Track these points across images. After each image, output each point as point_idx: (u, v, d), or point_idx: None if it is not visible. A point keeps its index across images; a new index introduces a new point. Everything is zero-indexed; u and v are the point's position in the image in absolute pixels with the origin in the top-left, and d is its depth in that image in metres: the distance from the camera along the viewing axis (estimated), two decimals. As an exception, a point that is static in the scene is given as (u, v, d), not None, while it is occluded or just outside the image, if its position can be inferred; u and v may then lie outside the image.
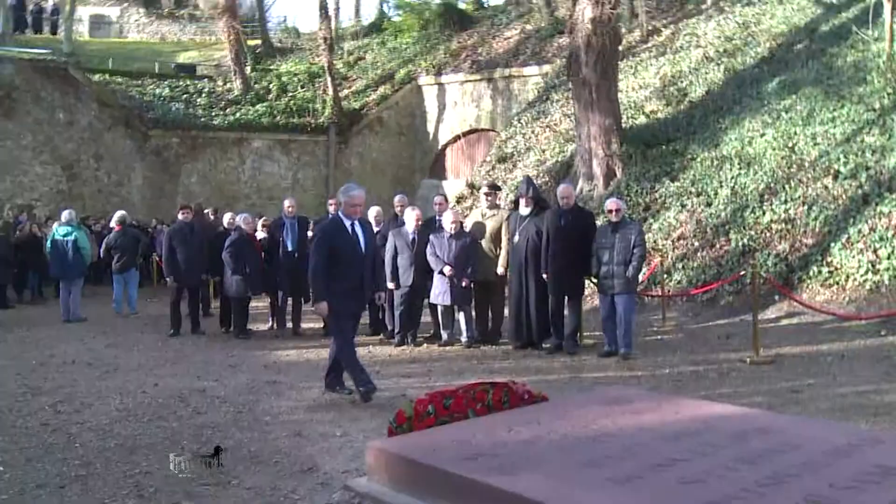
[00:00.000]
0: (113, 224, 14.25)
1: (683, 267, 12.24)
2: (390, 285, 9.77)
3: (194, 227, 11.69)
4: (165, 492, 4.54)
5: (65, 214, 13.51)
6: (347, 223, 6.81)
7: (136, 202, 21.76)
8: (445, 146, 24.78)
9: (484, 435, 4.68)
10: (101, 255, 14.54)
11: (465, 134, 24.08)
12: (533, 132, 19.17)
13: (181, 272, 11.27)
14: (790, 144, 12.98)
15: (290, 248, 11.02)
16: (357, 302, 7.04)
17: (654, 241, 12.84)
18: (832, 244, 10.90)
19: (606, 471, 3.96)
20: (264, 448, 5.42)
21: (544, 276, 9.17)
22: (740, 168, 13.19)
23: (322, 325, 11.24)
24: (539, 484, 3.77)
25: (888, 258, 10.26)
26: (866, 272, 10.30)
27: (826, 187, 11.74)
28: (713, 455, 4.10)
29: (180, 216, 11.67)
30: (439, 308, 9.90)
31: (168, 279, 11.54)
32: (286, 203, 11.37)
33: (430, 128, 25.18)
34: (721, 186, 13.12)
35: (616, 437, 4.57)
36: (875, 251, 10.45)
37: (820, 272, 10.70)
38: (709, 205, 13.02)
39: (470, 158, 23.83)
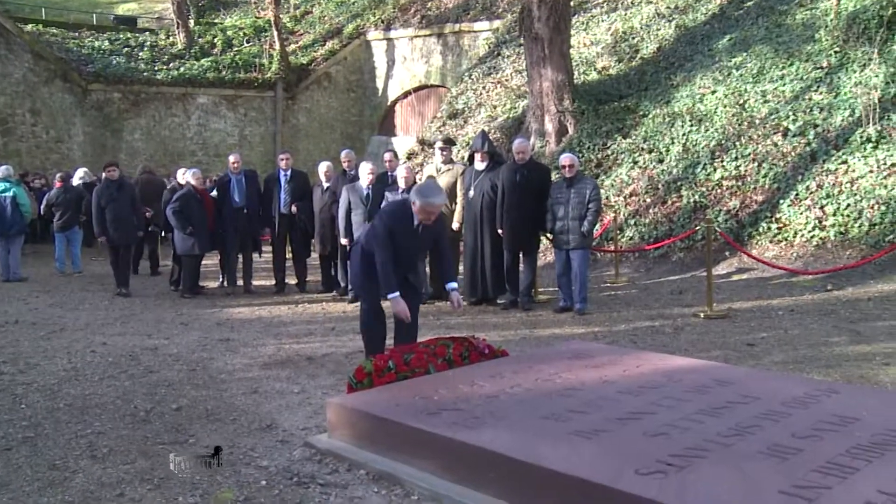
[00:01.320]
0: (76, 180, 14.00)
1: (636, 223, 12.33)
2: (343, 241, 9.68)
3: (123, 184, 11.42)
4: (120, 452, 4.41)
5: (1, 170, 13.03)
6: (415, 221, 5.92)
7: (76, 159, 21.04)
8: (395, 102, 24.49)
9: (446, 390, 4.67)
10: (42, 213, 14.13)
11: (414, 90, 23.82)
12: (484, 88, 19.00)
13: (110, 231, 11.04)
14: (741, 102, 13.09)
15: (238, 204, 10.79)
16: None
17: (607, 198, 12.88)
18: (781, 201, 11.06)
19: (571, 424, 3.97)
20: (221, 406, 5.31)
21: (499, 231, 9.13)
22: (692, 125, 13.27)
23: (273, 282, 11.13)
24: (503, 437, 3.77)
25: (834, 215, 10.47)
26: (813, 228, 10.49)
27: (776, 144, 11.88)
28: (676, 408, 4.15)
29: (105, 174, 11.40)
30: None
31: (100, 239, 11.39)
32: (231, 159, 11.10)
33: (379, 84, 24.84)
34: (673, 143, 13.20)
35: (579, 391, 4.60)
36: (822, 208, 10.64)
37: (769, 228, 10.87)
38: (661, 161, 13.10)
39: (420, 115, 23.62)
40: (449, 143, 10.40)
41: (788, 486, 3.01)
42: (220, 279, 11.60)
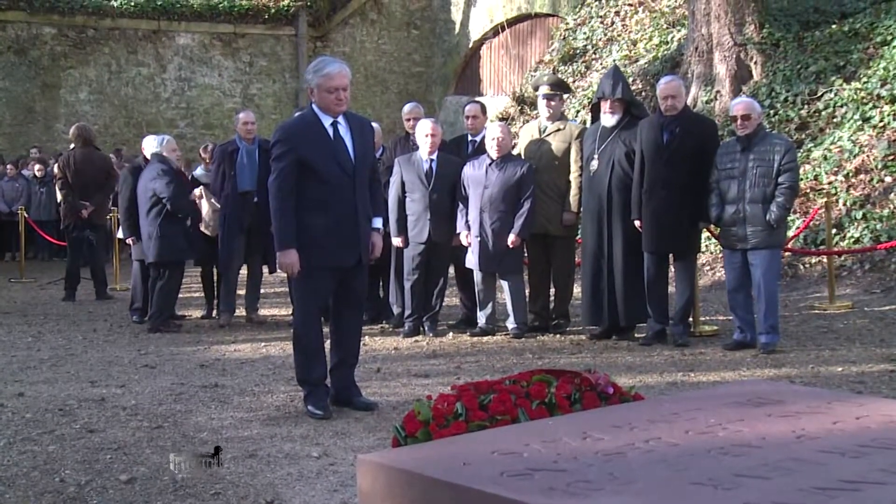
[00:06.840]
0: None
1: (865, 216, 12.18)
2: (397, 241, 9.82)
3: None
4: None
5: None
6: (327, 122, 6.50)
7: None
8: (480, 44, 24.73)
9: (543, 444, 4.60)
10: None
11: (509, 23, 23.94)
12: (618, 14, 19.11)
13: None
14: None
15: (246, 188, 10.82)
16: (343, 250, 6.61)
17: (815, 178, 12.73)
18: None
19: (741, 493, 3.86)
20: (197, 475, 5.39)
21: (636, 223, 9.09)
22: (966, 53, 13.06)
23: (291, 311, 11.26)
24: (629, 508, 3.72)
25: None
26: None
27: None
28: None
29: None
30: (474, 278, 9.87)
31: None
32: (241, 117, 11.15)
33: (456, 16, 25.08)
34: (933, 86, 13.00)
35: (757, 449, 4.46)
36: None
37: None
38: (910, 116, 12.91)
39: (518, 61, 23.74)
40: (559, 87, 10.40)
41: None
42: (207, 307, 11.78)
